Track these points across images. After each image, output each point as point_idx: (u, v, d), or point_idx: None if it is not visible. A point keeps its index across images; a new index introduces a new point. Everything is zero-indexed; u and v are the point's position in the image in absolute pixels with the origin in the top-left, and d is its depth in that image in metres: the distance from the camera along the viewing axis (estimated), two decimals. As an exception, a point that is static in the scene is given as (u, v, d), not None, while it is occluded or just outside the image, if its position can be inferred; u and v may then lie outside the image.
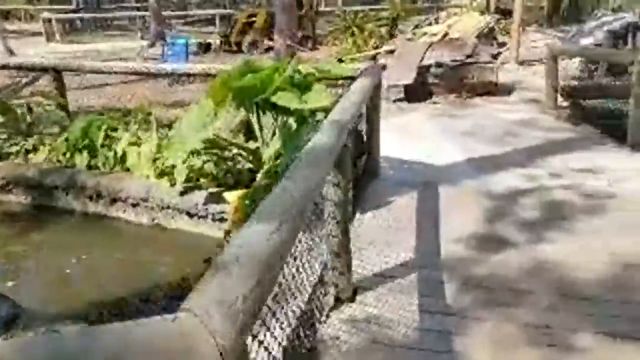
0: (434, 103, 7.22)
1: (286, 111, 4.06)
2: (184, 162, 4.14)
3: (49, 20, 16.54)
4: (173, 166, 4.16)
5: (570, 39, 9.50)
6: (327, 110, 3.94)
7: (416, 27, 11.19)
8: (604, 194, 3.68)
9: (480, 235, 3.09)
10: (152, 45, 14.85)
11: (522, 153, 4.80)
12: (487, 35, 10.29)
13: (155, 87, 7.04)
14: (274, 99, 3.87)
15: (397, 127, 6.02)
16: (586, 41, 8.94)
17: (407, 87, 7.40)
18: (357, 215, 3.36)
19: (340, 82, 4.70)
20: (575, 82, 6.56)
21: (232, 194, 3.78)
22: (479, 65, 7.12)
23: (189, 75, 5.13)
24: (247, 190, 3.74)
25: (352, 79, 4.02)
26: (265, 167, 3.90)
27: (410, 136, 5.63)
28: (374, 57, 10.41)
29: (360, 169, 3.93)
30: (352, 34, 11.77)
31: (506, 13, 13.48)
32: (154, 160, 4.29)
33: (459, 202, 3.63)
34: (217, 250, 3.26)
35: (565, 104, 6.48)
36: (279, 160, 3.79)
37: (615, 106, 5.58)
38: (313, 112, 4.27)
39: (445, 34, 9.70)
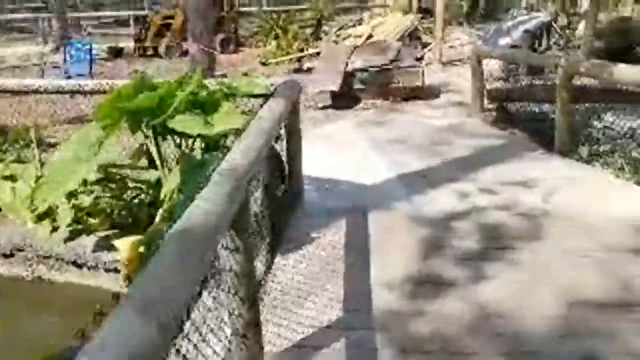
0: (362, 109, 6.91)
1: (190, 135, 3.50)
2: (68, 201, 3.45)
3: None
4: (56, 206, 3.45)
5: (489, 38, 9.61)
6: (239, 132, 3.43)
7: (340, 28, 10.89)
8: (539, 212, 3.46)
9: (415, 276, 2.72)
10: (57, 49, 13.50)
11: (452, 165, 4.56)
12: (411, 35, 10.21)
13: (53, 98, 6.08)
14: (171, 124, 3.29)
15: (324, 138, 5.64)
16: (504, 41, 9.08)
17: (333, 93, 7.05)
18: (277, 260, 2.89)
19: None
20: (499, 84, 6.49)
21: (123, 242, 3.16)
22: (405, 70, 6.89)
23: (73, 93, 4.37)
24: (140, 237, 3.14)
25: (266, 96, 3.54)
26: (165, 205, 3.31)
27: (337, 148, 5.25)
28: (299, 60, 10.00)
29: (281, 200, 3.46)
30: (276, 37, 11.29)
31: (428, 12, 13.57)
32: (32, 198, 3.55)
33: (391, 232, 3.26)
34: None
35: (491, 106, 6.40)
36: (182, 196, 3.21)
37: (540, 109, 5.51)
38: (224, 135, 3.74)
39: (370, 36, 9.48)
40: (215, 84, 3.86)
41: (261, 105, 3.35)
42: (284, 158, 3.69)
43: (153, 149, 3.74)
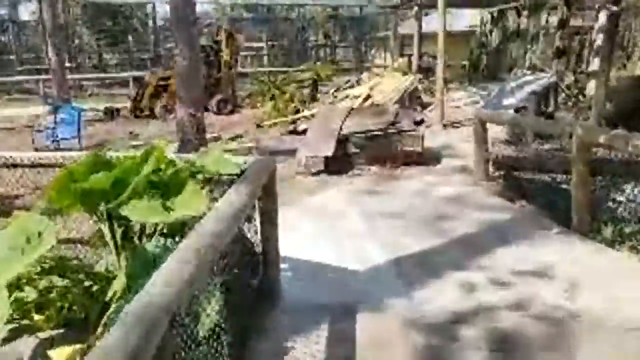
0: (357, 176, 6.45)
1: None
2: (10, 294, 2.90)
3: None
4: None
5: (493, 99, 9.30)
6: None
7: (337, 89, 10.70)
8: (562, 312, 2.86)
9: (411, 414, 2.11)
10: (53, 111, 13.45)
11: (456, 246, 3.98)
12: (411, 96, 9.96)
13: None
14: (125, 210, 2.79)
15: (312, 210, 5.11)
16: (508, 102, 8.74)
17: (327, 158, 6.63)
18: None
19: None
20: (505, 151, 6.03)
21: (59, 352, 2.57)
22: (403, 134, 6.49)
23: (17, 166, 3.89)
24: (80, 347, 2.56)
25: (237, 175, 3.08)
26: (114, 305, 2.74)
27: (326, 224, 4.68)
28: (294, 122, 9.73)
29: (251, 297, 2.90)
30: (272, 97, 11.10)
31: (428, 71, 13.50)
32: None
33: (383, 342, 2.66)
34: None
35: (497, 173, 5.92)
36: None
37: (552, 179, 5.01)
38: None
39: (368, 97, 9.21)
40: (182, 161, 3.40)
41: (230, 184, 2.90)
42: (257, 244, 3.18)
43: (108, 235, 3.23)
